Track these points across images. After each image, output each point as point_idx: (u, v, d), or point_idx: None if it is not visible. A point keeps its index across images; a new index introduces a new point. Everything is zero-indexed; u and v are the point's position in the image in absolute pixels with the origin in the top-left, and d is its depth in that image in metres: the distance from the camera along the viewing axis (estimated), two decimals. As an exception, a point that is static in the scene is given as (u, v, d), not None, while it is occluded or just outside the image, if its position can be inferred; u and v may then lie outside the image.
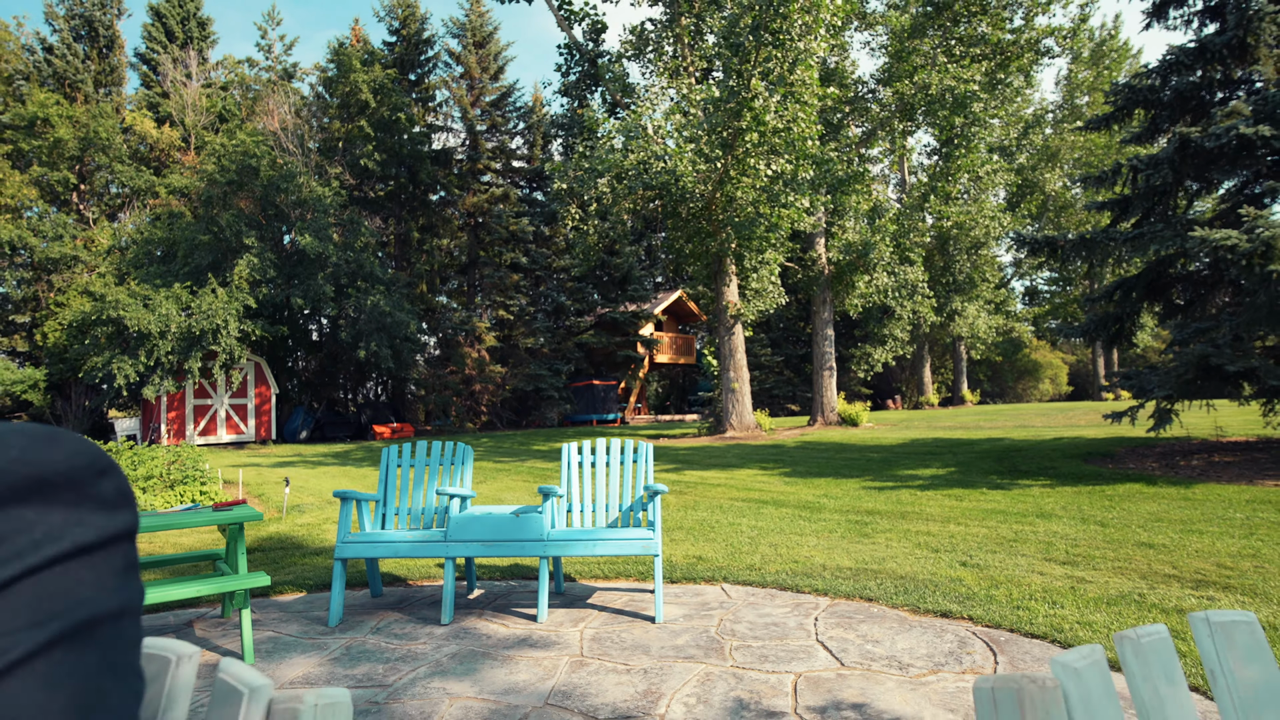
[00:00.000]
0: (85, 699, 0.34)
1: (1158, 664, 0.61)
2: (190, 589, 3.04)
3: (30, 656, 0.32)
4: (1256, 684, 0.60)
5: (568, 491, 4.06)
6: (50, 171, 20.15)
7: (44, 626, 0.34)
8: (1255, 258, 6.40)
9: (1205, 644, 0.64)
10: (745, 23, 10.14)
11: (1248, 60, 7.84)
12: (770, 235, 12.98)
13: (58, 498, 0.37)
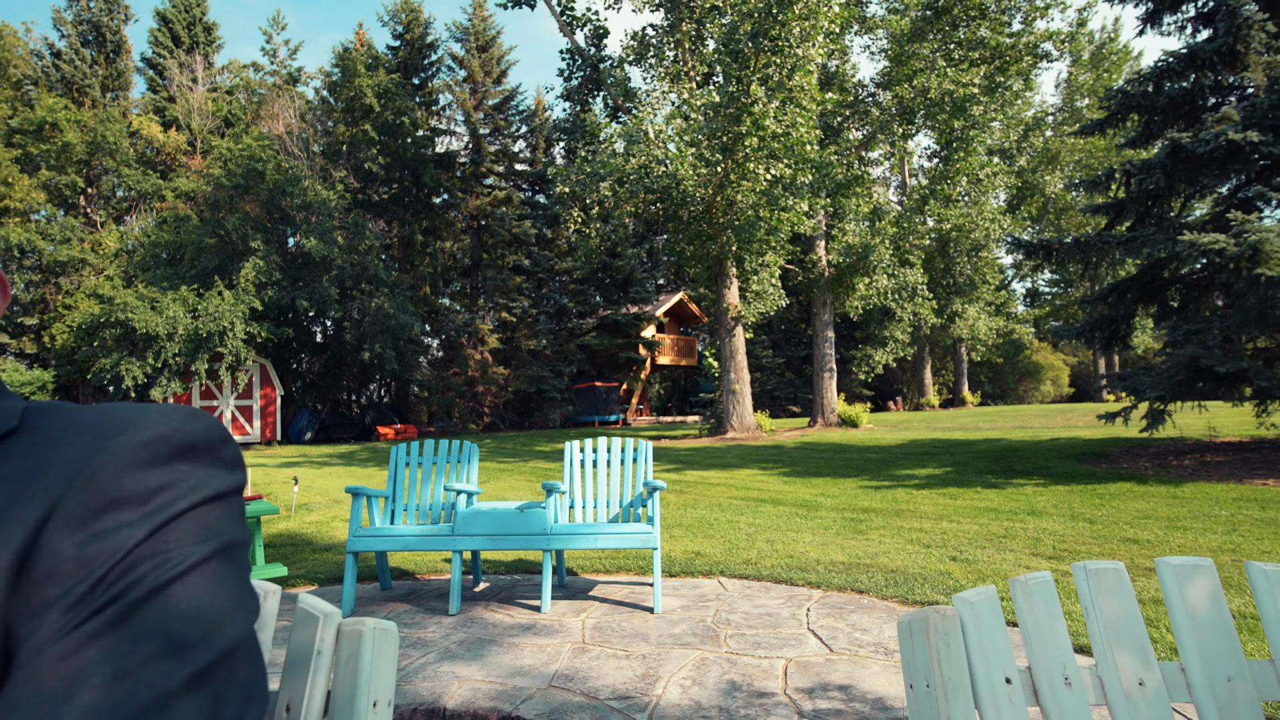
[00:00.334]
0: (233, 598, 0.50)
1: (1040, 600, 0.76)
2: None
3: (201, 562, 0.48)
4: (1117, 615, 0.76)
5: (570, 488, 4.21)
6: (58, 175, 20.38)
7: (205, 544, 0.49)
8: (1243, 261, 6.54)
9: (1082, 586, 0.79)
10: (745, 30, 10.31)
11: (1238, 67, 7.98)
12: (770, 238, 13.13)
13: (200, 458, 0.53)
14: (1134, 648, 0.75)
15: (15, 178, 19.66)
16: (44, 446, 0.48)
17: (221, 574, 0.49)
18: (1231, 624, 0.74)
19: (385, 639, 0.72)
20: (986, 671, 0.71)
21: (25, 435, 0.51)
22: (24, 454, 0.48)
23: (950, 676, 0.70)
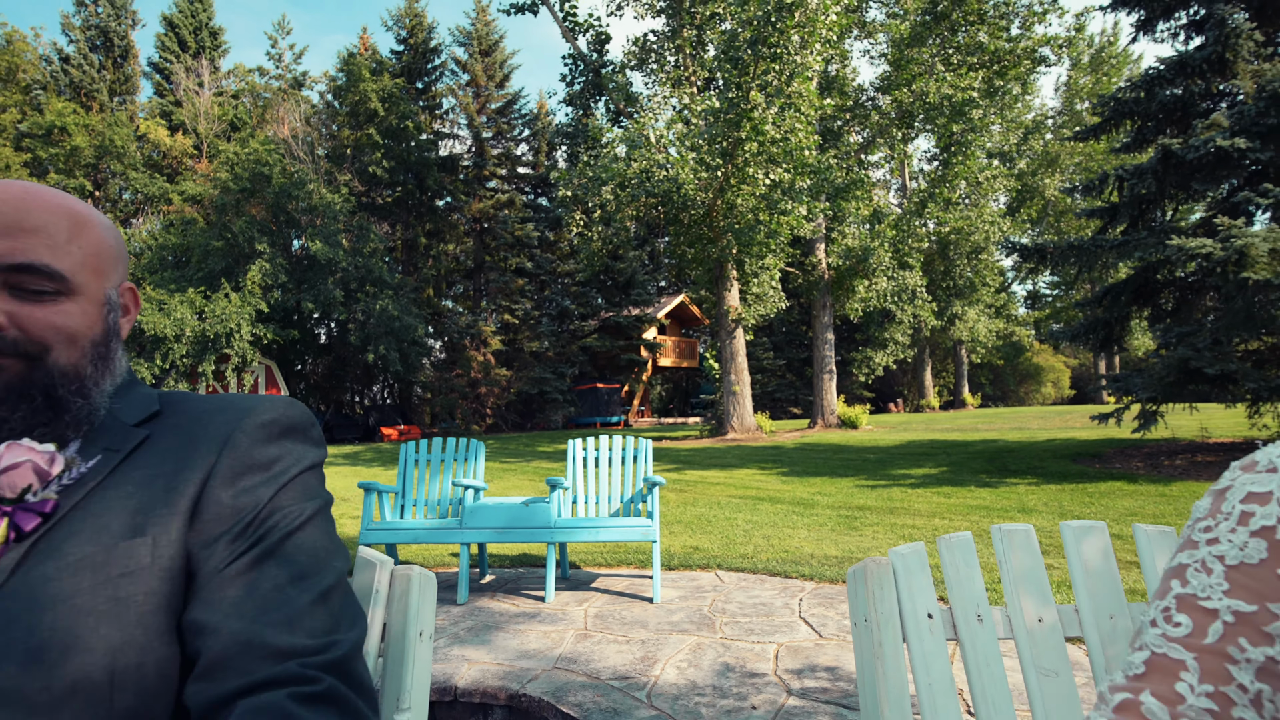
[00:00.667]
0: (335, 543, 0.67)
1: (960, 554, 0.93)
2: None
3: (313, 515, 0.66)
4: (1024, 566, 0.93)
5: (573, 484, 4.38)
6: (67, 179, 20.62)
7: (312, 502, 0.67)
8: (1230, 265, 6.69)
9: (998, 544, 0.96)
10: (744, 37, 10.49)
11: (1227, 74, 8.13)
12: (770, 242, 13.31)
13: (299, 437, 0.70)
14: (1036, 592, 0.92)
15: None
16: (190, 425, 0.65)
17: (325, 525, 0.66)
18: (1117, 574, 0.91)
19: (427, 583, 0.90)
20: (913, 609, 0.88)
21: (168, 417, 0.68)
22: (174, 430, 0.65)
23: (883, 613, 0.87)
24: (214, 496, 0.60)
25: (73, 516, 0.56)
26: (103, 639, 0.52)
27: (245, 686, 0.52)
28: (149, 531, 0.57)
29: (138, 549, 0.56)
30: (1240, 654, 0.45)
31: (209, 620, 0.55)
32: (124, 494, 0.58)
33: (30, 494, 0.55)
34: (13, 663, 0.49)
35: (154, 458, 0.61)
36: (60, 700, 0.49)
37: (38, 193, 0.64)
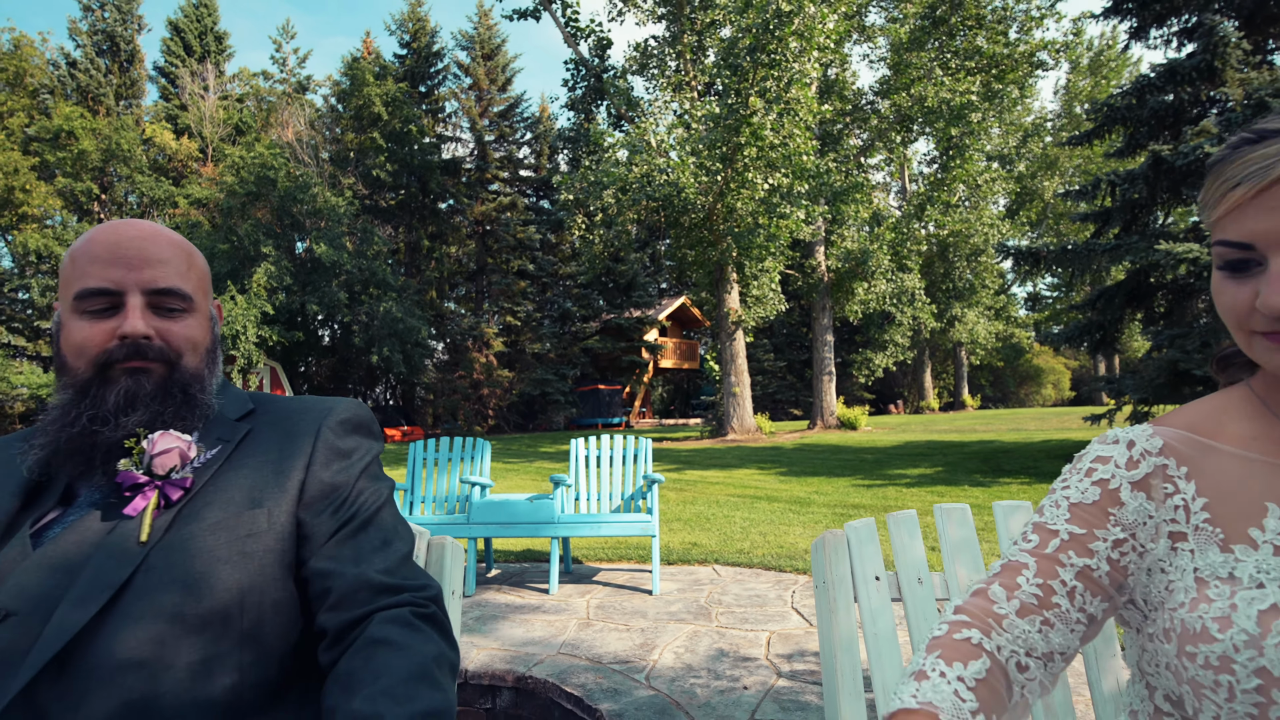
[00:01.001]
0: (403, 521, 0.84)
1: (905, 528, 1.10)
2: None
3: (389, 496, 0.83)
4: (960, 538, 1.10)
5: (576, 482, 4.55)
6: (74, 182, 20.84)
7: (384, 483, 0.84)
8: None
9: (939, 520, 1.13)
10: (743, 45, 10.68)
11: (1216, 82, 8.29)
12: (770, 245, 13.48)
13: (365, 431, 0.88)
14: (969, 560, 1.09)
15: (33, 185, 20.13)
16: (282, 422, 0.83)
17: (394, 505, 0.84)
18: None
19: (457, 551, 1.07)
20: (863, 572, 1.05)
21: (261, 415, 0.85)
22: (270, 426, 0.83)
23: (838, 576, 1.05)
24: (316, 478, 0.78)
25: (206, 490, 0.74)
26: (233, 580, 0.69)
27: (369, 611, 0.71)
28: (265, 505, 0.75)
29: (257, 517, 0.74)
30: (1067, 560, 0.64)
31: (332, 569, 0.73)
32: (241, 475, 0.76)
33: (175, 472, 0.72)
34: (174, 593, 0.66)
35: (259, 447, 0.79)
36: (205, 620, 0.67)
37: (160, 230, 0.81)
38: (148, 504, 0.70)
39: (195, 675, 0.65)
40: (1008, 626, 0.61)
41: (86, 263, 0.75)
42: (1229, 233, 0.62)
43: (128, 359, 0.75)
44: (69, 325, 0.75)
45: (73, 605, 0.63)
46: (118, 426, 0.72)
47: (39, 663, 0.60)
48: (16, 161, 19.77)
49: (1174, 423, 0.71)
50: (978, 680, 0.58)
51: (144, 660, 0.63)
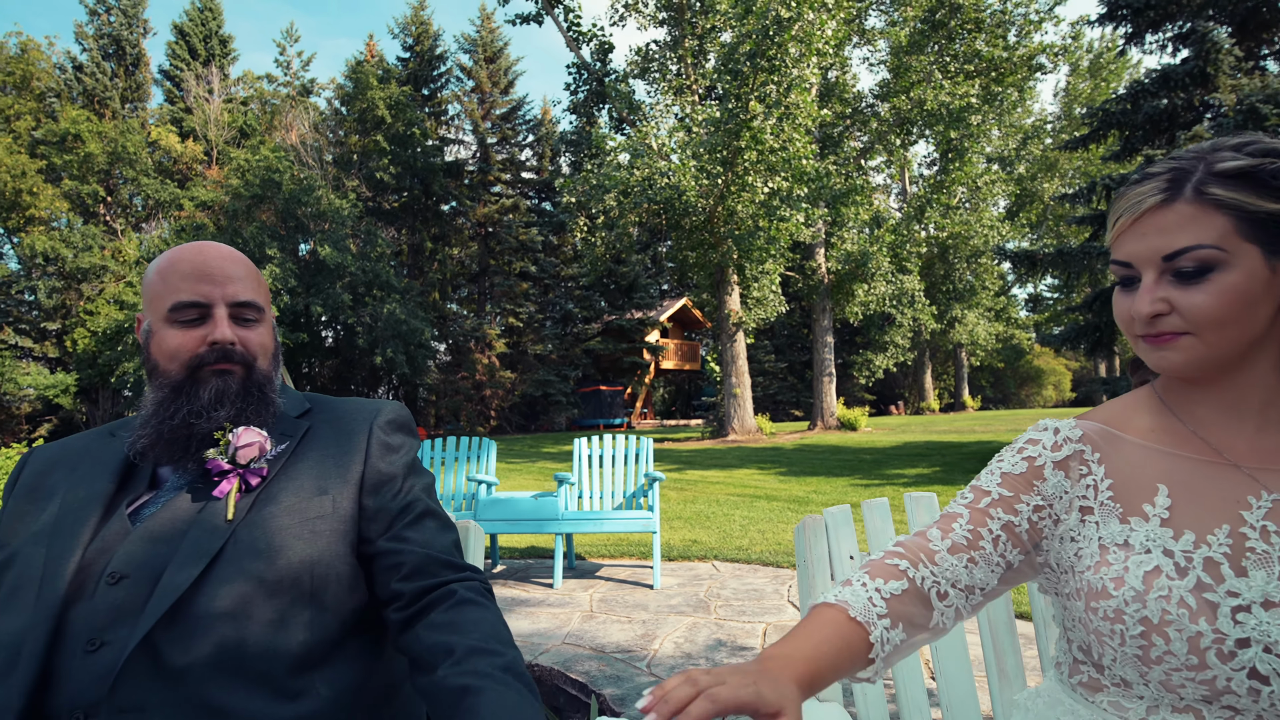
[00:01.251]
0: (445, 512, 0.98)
1: (878, 514, 1.24)
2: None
3: (432, 487, 0.97)
4: (926, 522, 1.24)
5: (579, 480, 4.68)
6: (80, 185, 21.02)
7: (427, 477, 0.98)
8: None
9: (909, 507, 1.26)
10: (743, 50, 10.83)
11: (1209, 88, 8.42)
12: (770, 247, 13.61)
13: (406, 430, 1.02)
14: (933, 542, 1.22)
15: (40, 187, 20.31)
16: (338, 421, 0.97)
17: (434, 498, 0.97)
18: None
19: (479, 533, 1.21)
20: (839, 552, 1.19)
21: (316, 413, 0.99)
22: (326, 424, 0.96)
23: (817, 555, 1.18)
24: (374, 469, 0.92)
25: (278, 478, 0.87)
26: (304, 553, 0.83)
27: (442, 581, 0.85)
28: (329, 492, 0.89)
29: (324, 503, 0.88)
30: (995, 515, 0.79)
31: (404, 547, 0.87)
32: (307, 466, 0.90)
33: (254, 463, 0.86)
34: (255, 562, 0.80)
35: (319, 443, 0.93)
36: (280, 585, 0.81)
37: (234, 251, 0.95)
38: (232, 488, 0.84)
39: (273, 627, 0.79)
40: (939, 560, 0.76)
41: (178, 280, 0.88)
42: (1117, 254, 0.76)
43: (216, 362, 0.88)
44: (161, 333, 0.89)
45: (178, 569, 0.77)
46: (210, 420, 0.86)
47: (156, 613, 0.74)
48: (24, 164, 19.95)
49: (1093, 417, 0.85)
50: (893, 595, 0.72)
51: (233, 613, 0.77)
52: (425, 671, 0.77)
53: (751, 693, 0.58)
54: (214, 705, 0.74)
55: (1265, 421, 0.75)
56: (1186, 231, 0.70)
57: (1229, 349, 0.72)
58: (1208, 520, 0.73)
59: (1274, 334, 0.73)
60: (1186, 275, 0.71)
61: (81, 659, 0.74)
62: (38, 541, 0.81)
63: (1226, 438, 0.76)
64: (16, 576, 0.80)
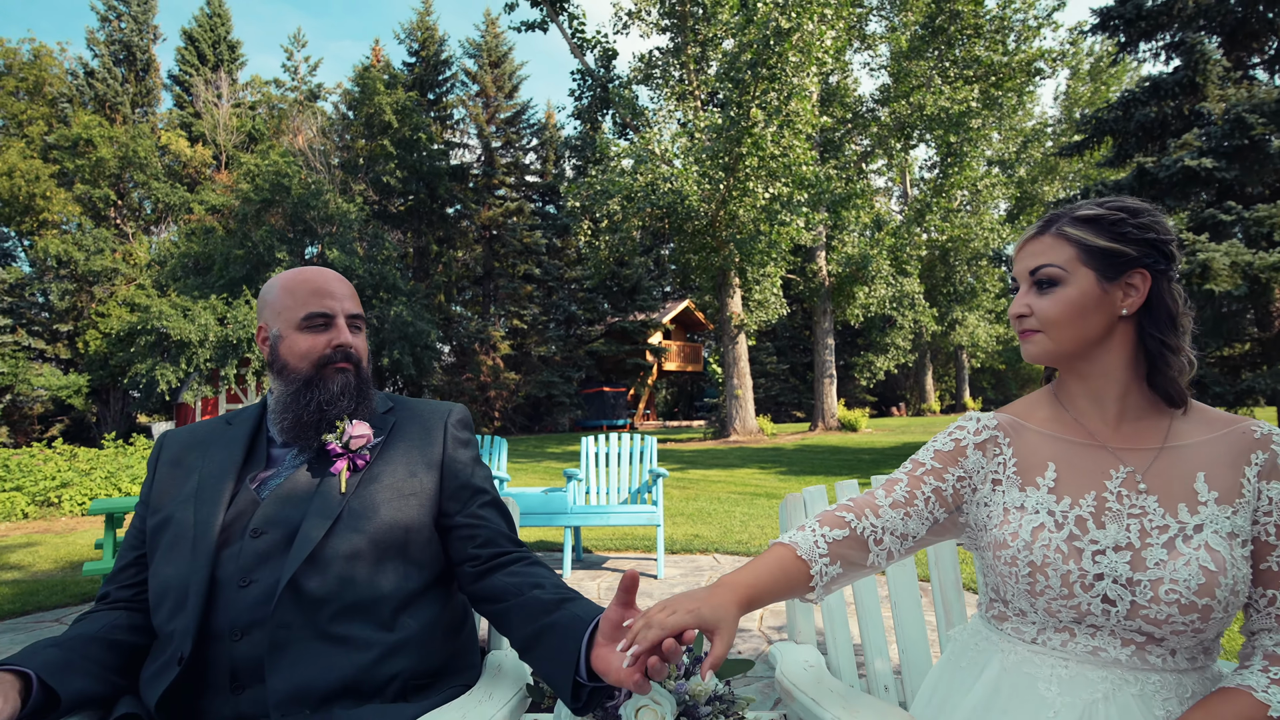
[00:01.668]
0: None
1: (847, 492, 1.47)
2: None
3: (489, 474, 1.22)
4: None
5: (586, 477, 4.92)
6: (92, 189, 21.35)
7: (488, 468, 1.23)
8: (1194, 278, 7.19)
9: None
10: (744, 59, 11.08)
11: (1198, 97, 8.63)
12: (771, 251, 13.84)
13: (471, 427, 1.27)
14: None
15: (53, 191, 20.65)
16: (417, 417, 1.20)
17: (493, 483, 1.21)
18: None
19: (514, 505, 1.45)
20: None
21: (398, 411, 1.22)
22: (408, 420, 1.20)
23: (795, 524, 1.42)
24: (451, 457, 1.16)
25: (377, 463, 1.11)
26: (398, 521, 1.07)
27: (508, 550, 1.11)
28: (418, 475, 1.13)
29: (413, 483, 1.12)
30: (928, 481, 1.02)
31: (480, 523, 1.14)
32: (398, 453, 1.14)
33: (361, 449, 1.10)
34: (363, 524, 1.04)
35: (404, 436, 1.16)
36: (379, 544, 1.05)
37: (336, 274, 1.19)
38: (344, 468, 1.08)
39: (376, 574, 1.03)
40: (881, 513, 0.99)
41: (305, 295, 1.12)
42: (1012, 272, 1.03)
43: (337, 361, 1.12)
44: (291, 338, 1.12)
45: (310, 526, 1.01)
46: (337, 409, 1.10)
47: (300, 558, 0.98)
48: (38, 169, 20.29)
49: (1008, 410, 1.09)
50: (836, 540, 0.96)
51: (349, 562, 1.01)
52: (513, 597, 1.03)
53: (692, 618, 0.82)
54: (337, 633, 0.98)
55: (1124, 409, 0.99)
56: (1044, 255, 0.97)
57: (1070, 346, 0.97)
58: (1080, 488, 0.96)
59: (1118, 339, 0.97)
60: (1042, 286, 0.97)
61: (236, 593, 0.98)
62: (185, 506, 1.06)
63: (1097, 424, 1.00)
64: (172, 534, 1.04)
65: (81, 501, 7.78)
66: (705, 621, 0.83)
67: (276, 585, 0.98)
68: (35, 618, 3.85)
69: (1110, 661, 0.92)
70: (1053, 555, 0.93)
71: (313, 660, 0.96)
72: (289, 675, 0.95)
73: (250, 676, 0.96)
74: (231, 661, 0.96)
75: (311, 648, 0.97)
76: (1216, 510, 0.91)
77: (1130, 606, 0.89)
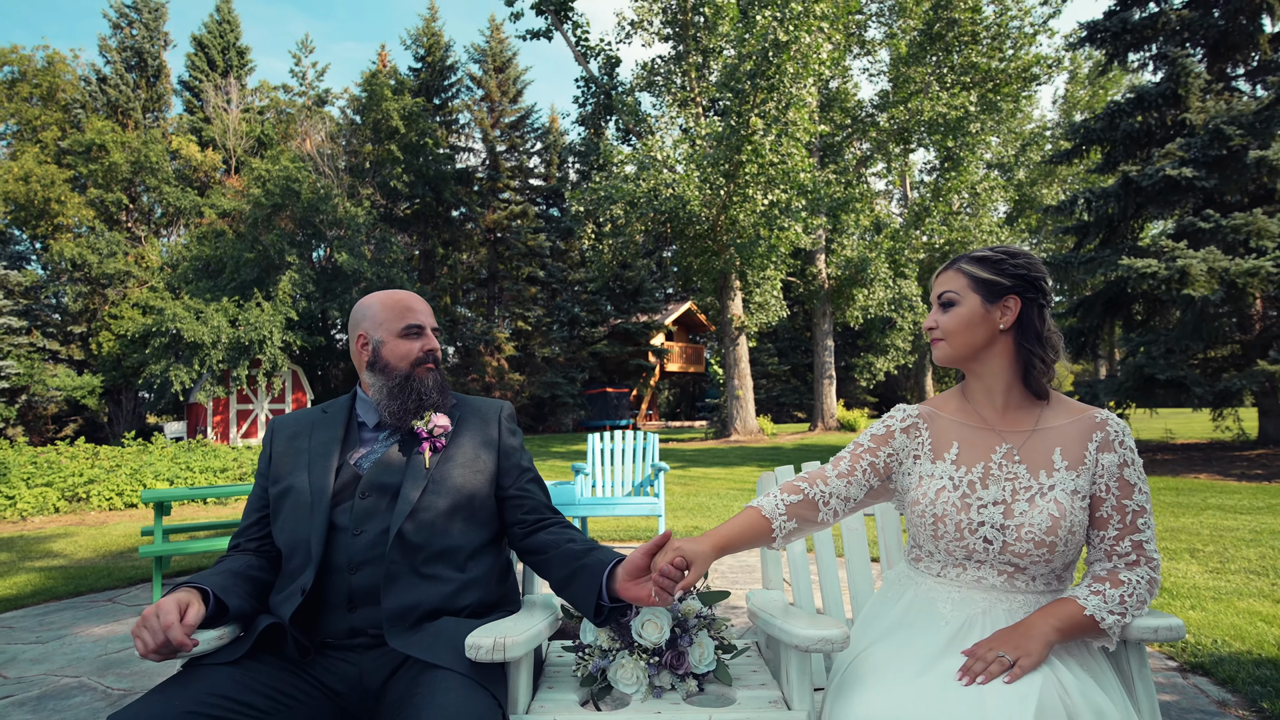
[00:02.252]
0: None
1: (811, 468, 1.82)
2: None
3: (531, 457, 1.57)
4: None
5: (592, 471, 5.26)
6: (105, 193, 21.76)
7: (529, 455, 1.57)
8: (1173, 283, 7.51)
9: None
10: (744, 70, 11.43)
11: (1181, 108, 8.95)
12: (770, 255, 14.17)
13: (516, 420, 1.61)
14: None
15: (67, 196, 21.06)
16: (476, 411, 1.55)
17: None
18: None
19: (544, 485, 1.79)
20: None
21: (460, 406, 1.56)
22: (469, 415, 1.54)
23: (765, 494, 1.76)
24: (506, 443, 1.50)
25: (450, 446, 1.45)
26: (468, 489, 1.41)
27: (547, 516, 1.45)
28: (481, 457, 1.46)
29: (478, 462, 1.45)
30: (864, 456, 1.37)
31: (527, 495, 1.47)
32: (465, 440, 1.47)
33: (441, 435, 1.44)
34: (445, 491, 1.38)
35: (468, 426, 1.50)
36: (455, 506, 1.38)
37: (415, 294, 1.53)
38: (427, 449, 1.42)
39: (452, 529, 1.37)
40: (829, 483, 1.33)
41: (402, 310, 1.47)
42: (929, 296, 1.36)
43: (427, 362, 1.47)
44: (392, 344, 1.45)
45: (408, 490, 1.35)
46: (430, 400, 1.44)
47: (404, 513, 1.32)
48: (53, 174, 20.70)
49: (928, 403, 1.42)
50: (792, 503, 1.30)
51: (435, 517, 1.35)
52: (553, 549, 1.37)
53: (679, 555, 1.18)
54: (427, 572, 1.33)
55: (1008, 401, 1.32)
56: (947, 284, 1.32)
57: (963, 351, 1.31)
58: (973, 460, 1.30)
59: (1000, 348, 1.30)
60: (945, 306, 1.31)
61: (351, 539, 1.32)
62: (301, 476, 1.40)
63: (989, 413, 1.33)
64: (294, 499, 1.38)
65: (109, 497, 8.14)
66: (686, 556, 1.18)
67: (386, 533, 1.32)
68: (89, 598, 4.20)
69: (989, 587, 1.25)
70: (949, 509, 1.26)
71: (412, 590, 1.31)
72: (397, 599, 1.29)
73: (363, 600, 1.30)
74: (349, 589, 1.30)
75: (411, 580, 1.31)
76: (1066, 474, 1.25)
77: (1002, 545, 1.23)
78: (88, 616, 3.78)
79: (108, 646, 3.23)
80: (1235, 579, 3.79)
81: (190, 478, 8.80)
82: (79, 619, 3.74)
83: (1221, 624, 3.02)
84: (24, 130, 22.93)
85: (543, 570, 1.42)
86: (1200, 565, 4.11)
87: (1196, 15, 9.22)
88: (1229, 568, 4.02)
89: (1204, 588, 3.63)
